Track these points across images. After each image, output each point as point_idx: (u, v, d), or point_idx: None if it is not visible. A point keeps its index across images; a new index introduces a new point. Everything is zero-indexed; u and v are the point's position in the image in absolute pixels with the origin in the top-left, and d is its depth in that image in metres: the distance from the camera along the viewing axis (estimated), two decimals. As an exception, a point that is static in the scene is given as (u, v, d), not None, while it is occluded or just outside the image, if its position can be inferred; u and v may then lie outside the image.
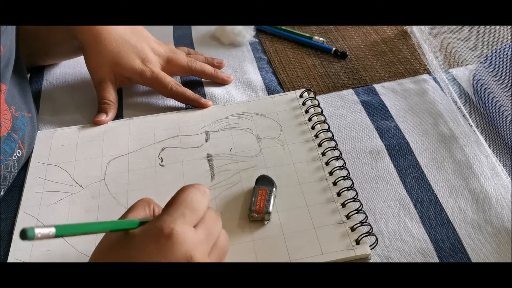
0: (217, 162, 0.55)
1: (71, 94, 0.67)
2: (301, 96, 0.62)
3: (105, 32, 0.61)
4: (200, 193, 0.41)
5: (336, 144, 0.55)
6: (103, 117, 0.61)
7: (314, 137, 0.56)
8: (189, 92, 0.62)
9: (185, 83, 0.67)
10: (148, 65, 0.62)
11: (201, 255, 0.38)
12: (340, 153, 0.54)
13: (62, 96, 0.67)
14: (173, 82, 0.63)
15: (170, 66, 0.65)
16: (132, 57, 0.62)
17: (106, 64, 0.62)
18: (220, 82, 0.66)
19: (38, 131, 0.61)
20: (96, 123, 0.61)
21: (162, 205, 0.45)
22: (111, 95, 0.62)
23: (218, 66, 0.69)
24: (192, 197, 0.40)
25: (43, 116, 0.64)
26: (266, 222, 0.48)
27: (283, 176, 0.52)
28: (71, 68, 0.72)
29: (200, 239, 0.38)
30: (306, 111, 0.60)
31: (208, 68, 0.66)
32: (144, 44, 0.64)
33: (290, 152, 0.55)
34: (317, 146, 0.55)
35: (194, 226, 0.39)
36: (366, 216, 0.48)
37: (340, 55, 0.69)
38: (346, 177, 0.52)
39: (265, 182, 0.51)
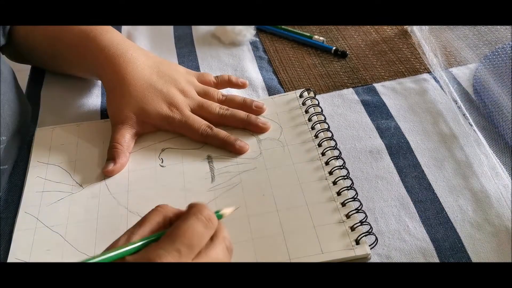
0: (218, 164, 0.55)
1: (72, 94, 0.67)
2: (301, 96, 0.62)
3: (130, 77, 0.58)
4: (202, 226, 0.39)
5: (336, 144, 0.55)
6: (110, 166, 0.55)
7: (314, 137, 0.56)
8: (222, 133, 0.56)
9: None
10: (176, 110, 0.57)
11: None
12: (340, 152, 0.54)
13: (62, 95, 0.67)
14: (204, 125, 0.57)
15: (201, 111, 0.58)
16: (158, 102, 0.57)
17: (127, 109, 0.57)
18: (253, 130, 0.58)
19: (37, 128, 0.61)
20: (105, 174, 0.55)
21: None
22: (123, 138, 0.56)
23: (257, 111, 0.60)
24: (193, 231, 0.38)
25: (43, 115, 0.64)
26: None
27: (283, 176, 0.52)
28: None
29: None
30: (306, 111, 0.60)
31: (241, 115, 0.58)
32: (171, 88, 0.58)
33: (290, 152, 0.55)
34: (317, 146, 0.55)
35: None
36: (366, 216, 0.48)
37: (340, 55, 0.69)
38: (346, 177, 0.52)
39: None
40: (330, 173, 0.52)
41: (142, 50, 0.62)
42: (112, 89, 0.58)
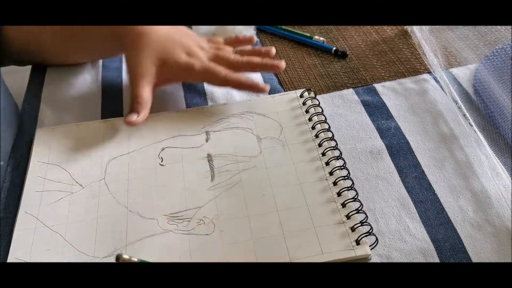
0: (217, 163, 0.55)
1: (72, 94, 0.67)
2: (301, 96, 0.62)
3: (148, 31, 0.59)
4: None
5: (336, 144, 0.55)
6: (134, 117, 0.56)
7: (314, 137, 0.56)
8: (243, 77, 0.60)
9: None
10: (195, 58, 0.60)
11: None
12: (341, 153, 0.54)
13: (63, 95, 0.67)
14: (225, 69, 0.60)
15: (217, 61, 0.61)
16: (178, 52, 0.59)
17: (147, 61, 0.58)
18: (270, 70, 0.64)
19: (38, 128, 0.61)
20: (127, 124, 0.56)
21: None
22: (145, 93, 0.57)
23: (267, 54, 0.64)
24: None
25: (43, 115, 0.64)
26: None
27: (283, 176, 0.52)
28: (74, 65, 0.71)
29: None
30: (307, 111, 0.60)
31: (256, 59, 0.62)
32: (188, 39, 0.62)
33: (290, 152, 0.55)
34: (317, 146, 0.55)
35: None
36: (366, 216, 0.48)
37: (341, 55, 0.69)
38: (346, 177, 0.51)
39: None
40: (331, 173, 0.52)
41: None
42: (131, 43, 0.59)
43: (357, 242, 0.46)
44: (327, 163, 0.53)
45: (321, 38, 0.72)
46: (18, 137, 0.61)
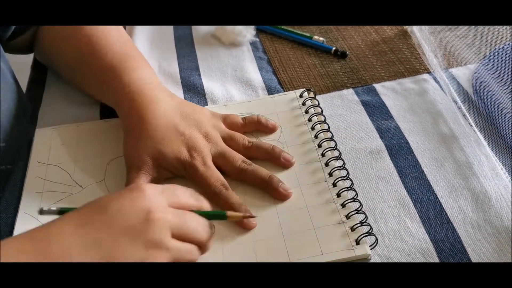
0: (217, 163, 0.55)
1: (72, 94, 0.67)
2: (301, 96, 0.62)
3: (150, 117, 0.53)
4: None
5: (336, 144, 0.55)
6: None
7: (314, 138, 0.56)
8: (233, 198, 0.50)
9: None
10: (196, 157, 0.52)
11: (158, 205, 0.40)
12: (340, 153, 0.54)
13: (63, 95, 0.67)
14: (219, 183, 0.51)
15: (223, 160, 0.53)
16: (178, 145, 0.52)
17: (144, 153, 0.52)
18: (271, 194, 0.52)
19: (37, 128, 0.61)
20: None
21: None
22: (141, 182, 0.51)
23: (284, 164, 0.54)
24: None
25: (44, 115, 0.64)
26: None
27: (282, 177, 0.52)
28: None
29: (158, 191, 0.42)
30: (306, 111, 0.60)
31: (262, 174, 0.52)
32: (194, 131, 0.53)
33: (290, 153, 0.55)
34: (317, 147, 0.55)
35: None
36: (366, 216, 0.48)
37: (340, 55, 0.69)
38: (345, 177, 0.51)
39: None
40: (330, 174, 0.52)
41: (167, 91, 0.57)
42: (130, 130, 0.54)
43: (357, 242, 0.46)
44: (326, 164, 0.53)
45: (321, 38, 0.72)
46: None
